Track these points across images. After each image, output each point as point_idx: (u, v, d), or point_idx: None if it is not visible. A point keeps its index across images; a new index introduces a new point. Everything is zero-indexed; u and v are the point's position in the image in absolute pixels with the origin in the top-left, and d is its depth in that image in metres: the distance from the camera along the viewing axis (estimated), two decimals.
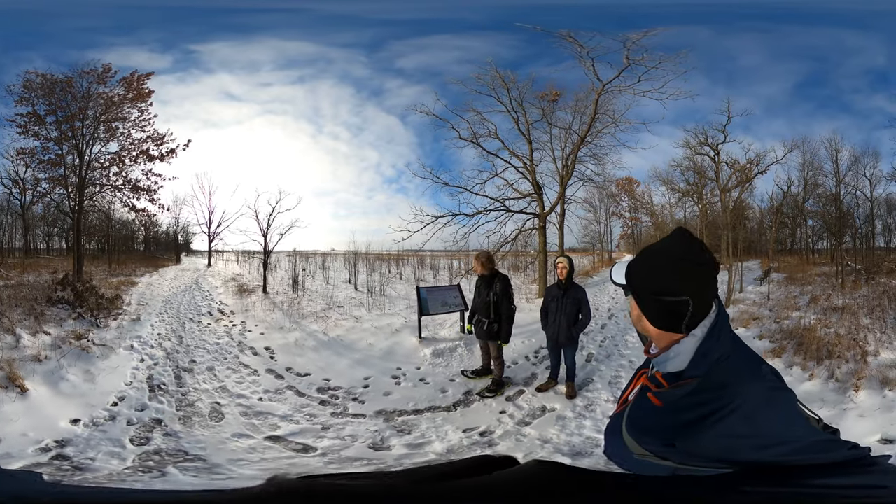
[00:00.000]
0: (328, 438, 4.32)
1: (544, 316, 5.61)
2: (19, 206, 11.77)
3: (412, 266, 18.97)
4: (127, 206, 10.68)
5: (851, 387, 4.91)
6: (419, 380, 6.06)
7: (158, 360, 6.48)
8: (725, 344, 1.04)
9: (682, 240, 1.07)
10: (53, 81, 9.68)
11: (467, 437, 4.36)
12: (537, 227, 13.45)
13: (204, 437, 4.28)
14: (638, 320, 1.15)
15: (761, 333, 7.75)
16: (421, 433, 4.43)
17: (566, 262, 5.54)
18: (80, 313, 8.11)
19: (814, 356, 5.88)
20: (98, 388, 5.24)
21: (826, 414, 4.43)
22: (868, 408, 4.51)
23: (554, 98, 14.23)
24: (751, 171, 15.16)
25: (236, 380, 5.98)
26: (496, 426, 4.59)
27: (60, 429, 4.12)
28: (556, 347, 5.55)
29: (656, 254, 1.10)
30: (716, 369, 1.02)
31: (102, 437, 4.11)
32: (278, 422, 4.70)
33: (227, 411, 4.94)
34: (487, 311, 5.49)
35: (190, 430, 4.44)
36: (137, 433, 4.29)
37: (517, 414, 4.89)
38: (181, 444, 4.10)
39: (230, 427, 4.53)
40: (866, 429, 4.13)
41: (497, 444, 4.23)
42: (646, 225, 27.94)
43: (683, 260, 1.04)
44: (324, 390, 5.70)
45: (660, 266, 1.07)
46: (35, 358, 5.54)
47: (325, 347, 7.60)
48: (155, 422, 4.56)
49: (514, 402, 5.19)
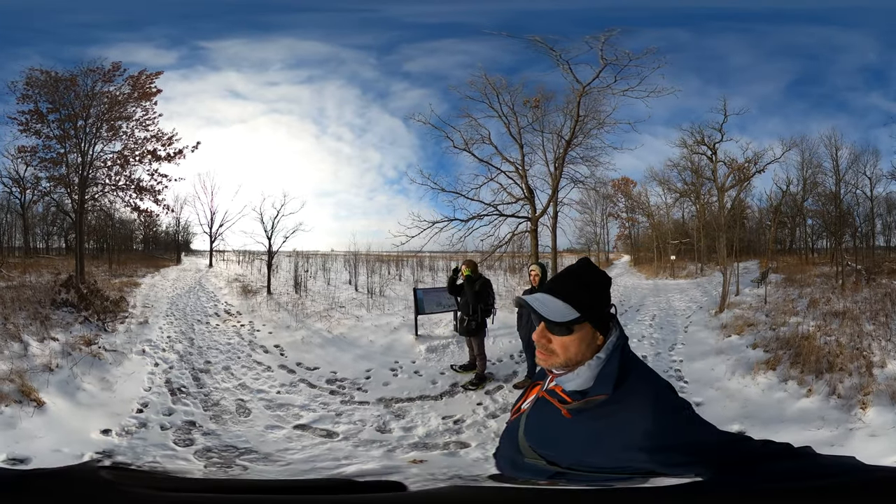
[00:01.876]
0: (343, 423, 4.85)
1: (518, 318, 6.09)
2: (19, 206, 11.57)
3: (411, 267, 19.01)
4: (130, 207, 10.54)
5: (857, 404, 4.47)
6: (414, 372, 6.71)
7: (173, 364, 6.48)
8: (627, 363, 1.18)
9: (588, 264, 1.27)
10: (57, 79, 9.51)
11: (444, 423, 4.88)
12: (529, 231, 13.60)
13: (241, 431, 4.52)
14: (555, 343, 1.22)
15: (755, 342, 7.35)
16: (411, 418, 5.03)
17: (538, 269, 5.90)
18: (86, 317, 8.01)
19: (812, 369, 5.43)
20: (118, 395, 5.20)
21: (829, 435, 4.08)
22: (879, 426, 4.07)
23: (536, 104, 14.34)
24: (749, 170, 15.27)
25: (253, 376, 6.29)
26: (469, 416, 5.07)
27: (94, 441, 4.01)
28: (528, 346, 5.93)
29: (579, 275, 1.25)
30: (619, 387, 1.13)
31: (143, 443, 4.09)
32: (299, 411, 5.14)
33: (252, 406, 5.23)
34: (467, 310, 6.11)
35: (225, 427, 4.63)
36: (177, 436, 4.33)
37: (491, 406, 5.35)
38: (223, 440, 4.27)
39: (260, 420, 4.83)
40: (880, 450, 3.71)
41: (464, 432, 4.68)
42: (643, 226, 28.17)
43: (599, 277, 1.25)
44: (332, 381, 6.30)
45: (594, 283, 1.24)
46: (46, 367, 5.36)
47: (330, 344, 8.07)
48: (188, 424, 4.63)
49: (492, 396, 5.70)
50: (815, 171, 13.96)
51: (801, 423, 4.44)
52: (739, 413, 4.90)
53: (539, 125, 14.19)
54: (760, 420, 4.63)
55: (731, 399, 5.35)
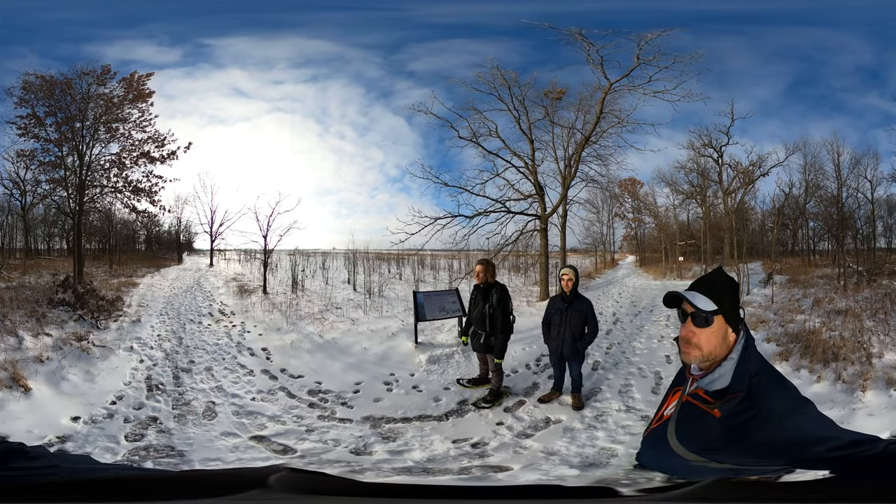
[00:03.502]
0: (310, 441, 4.32)
1: (546, 329, 5.37)
2: (20, 208, 11.79)
3: (412, 266, 18.92)
4: (128, 208, 10.69)
5: (858, 388, 5.02)
6: (412, 387, 5.93)
7: (157, 361, 6.51)
8: (755, 363, 1.33)
9: (722, 272, 1.48)
10: (53, 83, 9.67)
11: (456, 447, 4.19)
12: (539, 229, 13.28)
13: (194, 434, 4.38)
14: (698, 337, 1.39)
15: (768, 336, 7.75)
16: (405, 441, 4.31)
17: (571, 273, 5.31)
18: (80, 315, 8.13)
19: (820, 359, 5.97)
20: (98, 387, 5.31)
21: (837, 413, 4.56)
22: (876, 407, 4.64)
23: (558, 96, 14.12)
24: (753, 173, 15.13)
25: (232, 380, 6.05)
26: (491, 437, 4.41)
27: (62, 426, 4.29)
28: (559, 361, 5.33)
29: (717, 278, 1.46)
30: (752, 384, 1.28)
31: (100, 433, 4.24)
32: (266, 422, 4.75)
33: (220, 410, 5.03)
34: (484, 324, 5.31)
35: (183, 427, 4.53)
36: (133, 430, 4.38)
37: (516, 426, 4.68)
38: (171, 440, 4.21)
39: (221, 425, 4.63)
40: (876, 427, 4.21)
41: (491, 455, 4.05)
42: (649, 226, 27.91)
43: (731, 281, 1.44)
44: (314, 392, 5.69)
45: (729, 285, 1.43)
46: (37, 359, 5.63)
47: (320, 350, 7.57)
48: (151, 419, 4.64)
49: (514, 414, 4.97)
50: (817, 175, 13.96)
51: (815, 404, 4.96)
52: None
53: (552, 119, 13.95)
54: None
55: None
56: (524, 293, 13.78)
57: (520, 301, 12.00)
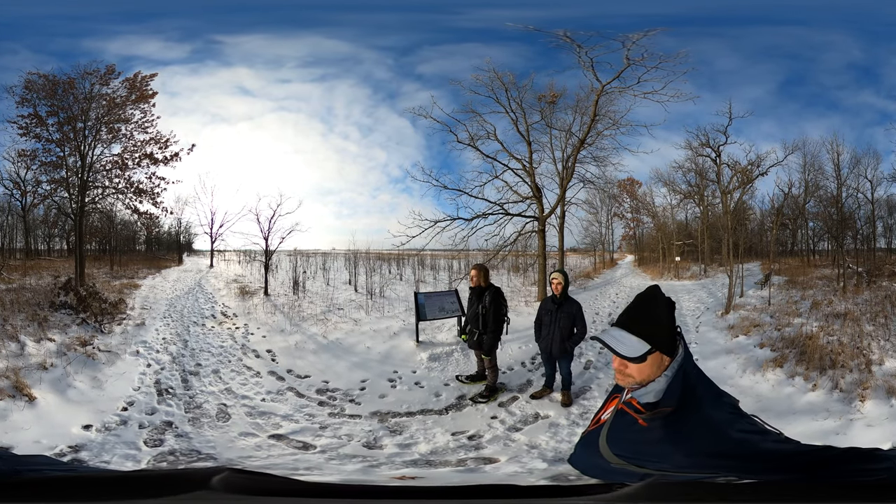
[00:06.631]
0: (325, 437, 4.54)
1: (538, 328, 5.69)
2: (20, 208, 11.71)
3: (412, 267, 18.94)
4: (130, 209, 10.63)
5: (857, 397, 4.87)
6: (414, 383, 6.22)
7: (165, 365, 6.50)
8: (691, 378, 1.37)
9: (656, 295, 1.46)
10: (55, 82, 9.60)
11: (455, 440, 4.50)
12: (537, 231, 13.41)
13: (213, 436, 4.43)
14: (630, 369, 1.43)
15: (762, 341, 7.59)
16: (410, 434, 4.61)
17: (561, 277, 5.60)
18: (83, 319, 8.09)
19: (816, 366, 5.81)
20: (106, 394, 5.27)
21: (832, 424, 4.49)
22: (875, 417, 4.50)
23: (552, 100, 14.15)
24: (751, 172, 15.18)
25: (240, 382, 6.12)
26: (486, 430, 4.71)
27: (73, 435, 4.20)
28: (549, 359, 5.65)
29: (648, 307, 1.45)
30: (685, 399, 1.33)
31: (116, 440, 4.20)
32: (280, 421, 4.90)
33: (232, 412, 5.10)
34: (477, 323, 5.69)
35: (200, 430, 4.57)
36: (150, 436, 4.37)
37: (508, 419, 4.99)
38: (193, 444, 4.22)
39: (237, 426, 4.71)
40: (875, 438, 4.12)
41: (485, 447, 4.33)
42: (647, 226, 27.99)
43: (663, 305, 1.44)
44: (322, 391, 5.89)
45: (663, 312, 1.43)
46: (41, 366, 5.53)
47: (325, 350, 7.70)
48: (166, 424, 4.65)
49: (507, 408, 5.30)
50: (816, 175, 13.94)
51: (809, 415, 4.78)
52: (755, 407, 5.03)
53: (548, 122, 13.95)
54: (774, 412, 4.89)
55: (745, 394, 5.48)
56: (523, 293, 13.84)
57: (518, 301, 12.12)
